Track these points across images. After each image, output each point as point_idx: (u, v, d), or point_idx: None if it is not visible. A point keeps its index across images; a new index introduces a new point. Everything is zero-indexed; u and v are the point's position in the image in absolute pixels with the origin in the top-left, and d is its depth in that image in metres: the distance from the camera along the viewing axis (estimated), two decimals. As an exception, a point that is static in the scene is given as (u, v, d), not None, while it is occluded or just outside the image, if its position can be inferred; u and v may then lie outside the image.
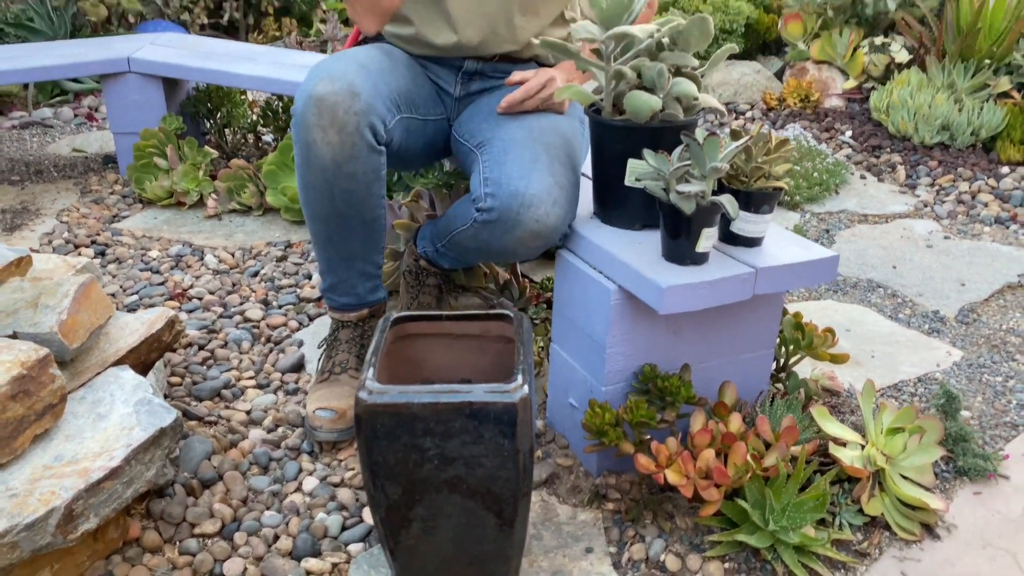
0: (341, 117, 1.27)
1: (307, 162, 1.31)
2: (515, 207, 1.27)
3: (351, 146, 1.29)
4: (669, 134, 1.27)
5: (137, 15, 3.53)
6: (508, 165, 1.31)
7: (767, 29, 3.38)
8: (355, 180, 1.33)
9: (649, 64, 1.25)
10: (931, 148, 2.76)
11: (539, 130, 1.38)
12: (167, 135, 2.42)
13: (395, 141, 1.39)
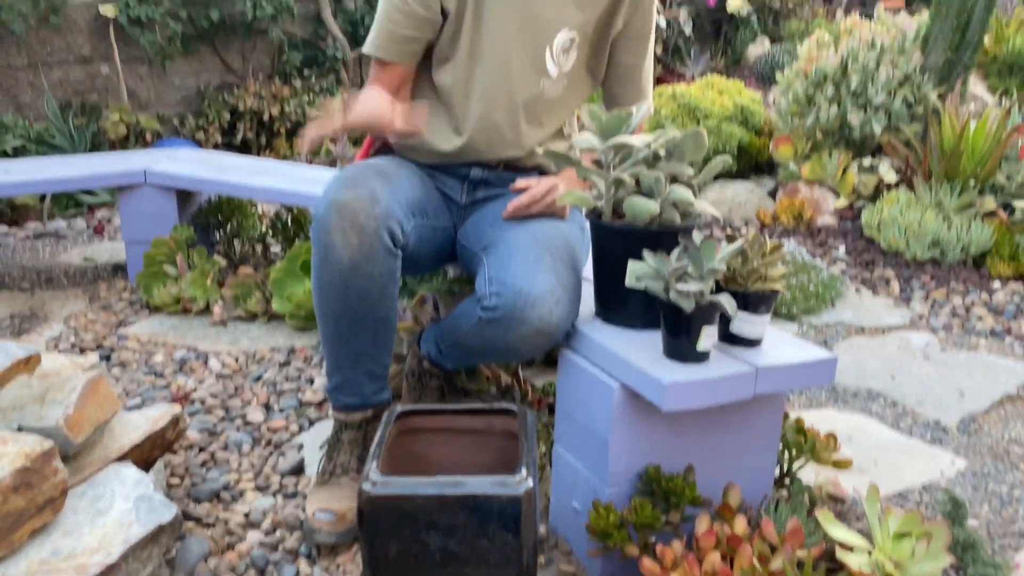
0: (361, 221, 1.32)
1: (325, 262, 1.36)
2: (519, 305, 1.30)
3: (369, 248, 1.34)
4: (667, 238, 1.32)
5: (154, 134, 3.68)
6: (513, 265, 1.35)
7: (759, 151, 3.52)
8: (371, 280, 1.37)
9: (647, 172, 1.31)
10: (923, 263, 2.82)
11: (542, 234, 1.43)
12: (178, 244, 2.49)
13: (410, 246, 1.45)
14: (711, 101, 3.39)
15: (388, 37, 1.52)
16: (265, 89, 3.92)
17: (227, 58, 4.12)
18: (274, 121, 3.89)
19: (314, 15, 4.32)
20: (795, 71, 3.37)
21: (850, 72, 3.20)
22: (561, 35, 1.54)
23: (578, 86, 1.63)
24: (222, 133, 3.90)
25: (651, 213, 1.30)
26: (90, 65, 3.69)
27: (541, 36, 1.53)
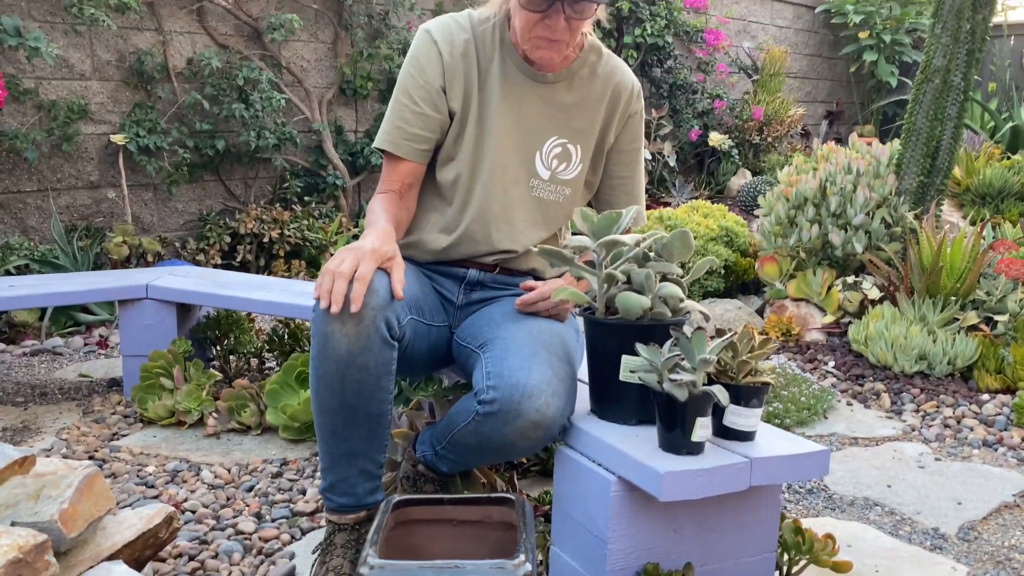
0: (359, 311, 1.36)
1: (322, 353, 1.39)
2: (516, 397, 1.33)
3: (366, 338, 1.37)
4: (659, 331, 1.36)
5: (156, 255, 3.77)
6: (509, 359, 1.39)
7: (745, 271, 3.63)
8: (367, 372, 1.39)
9: (637, 269, 1.37)
10: (912, 377, 2.86)
11: (538, 331, 1.48)
12: (176, 356, 2.51)
13: (405, 339, 1.48)
14: (696, 223, 3.51)
15: (399, 134, 1.62)
16: (266, 214, 4.05)
17: (230, 185, 4.28)
18: (273, 244, 3.99)
19: (316, 145, 4.51)
20: (776, 194, 3.51)
21: (829, 194, 3.35)
22: (550, 142, 1.66)
23: (576, 196, 1.73)
24: (222, 255, 3.99)
25: (643, 307, 1.35)
26: (97, 190, 3.82)
27: (532, 141, 1.66)
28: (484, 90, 1.64)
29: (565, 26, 1.48)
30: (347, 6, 4.44)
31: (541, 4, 1.47)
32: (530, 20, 1.50)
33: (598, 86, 1.68)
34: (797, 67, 8.22)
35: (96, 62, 3.75)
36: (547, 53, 1.54)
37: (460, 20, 1.66)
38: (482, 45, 1.64)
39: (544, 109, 1.65)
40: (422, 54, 1.62)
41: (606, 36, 5.82)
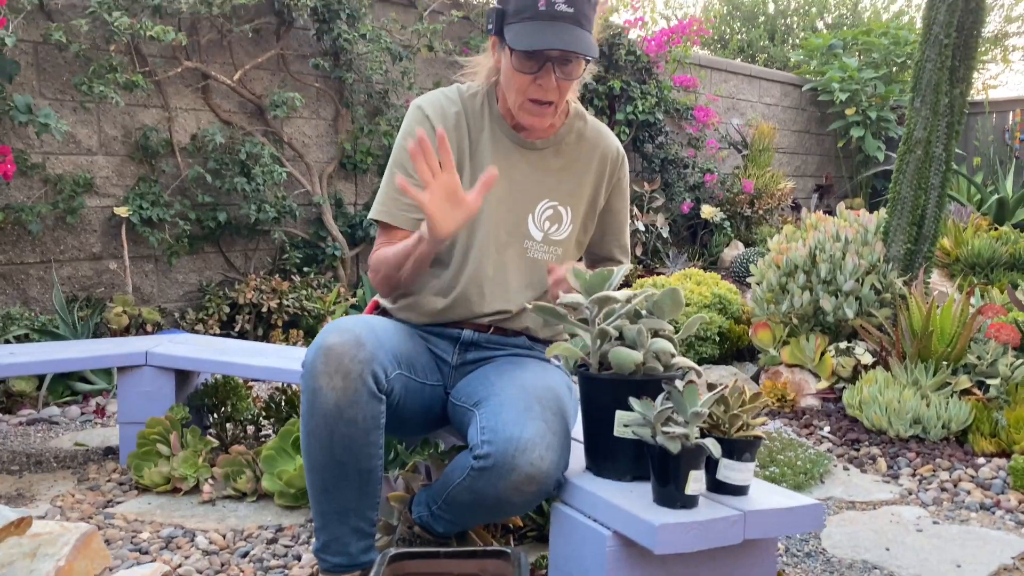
0: (347, 364, 1.40)
1: (311, 408, 1.42)
2: (511, 451, 1.35)
3: (354, 391, 1.40)
4: (652, 386, 1.39)
5: (155, 325, 3.80)
6: (503, 414, 1.41)
7: (739, 338, 3.66)
8: (355, 426, 1.42)
9: (630, 325, 1.41)
10: (907, 440, 2.87)
11: (532, 386, 1.50)
12: (173, 423, 2.52)
13: (394, 394, 1.51)
14: (689, 290, 3.57)
15: (395, 204, 1.68)
16: (265, 284, 4.10)
17: (230, 256, 4.34)
18: (272, 314, 4.03)
19: (315, 217, 4.60)
20: (768, 262, 3.58)
21: (819, 261, 3.41)
22: (542, 204, 1.73)
23: (567, 255, 1.78)
24: (220, 325, 4.03)
25: (636, 362, 1.38)
26: (99, 262, 3.87)
27: (524, 205, 1.72)
28: (475, 158, 1.70)
29: (555, 86, 1.56)
30: (348, 85, 4.59)
31: (533, 65, 1.55)
32: (523, 82, 1.57)
33: (585, 150, 1.77)
34: (786, 142, 8.43)
35: (103, 137, 3.85)
36: (537, 120, 1.63)
37: (450, 94, 1.75)
38: (472, 116, 1.72)
39: (534, 174, 1.72)
40: (414, 127, 1.68)
41: (599, 113, 5.99)
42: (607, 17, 5.97)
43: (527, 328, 1.76)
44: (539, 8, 1.50)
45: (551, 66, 1.55)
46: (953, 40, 3.24)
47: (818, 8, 11.15)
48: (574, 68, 1.57)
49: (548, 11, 1.49)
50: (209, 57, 4.16)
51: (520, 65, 1.56)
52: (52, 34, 3.48)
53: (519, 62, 1.55)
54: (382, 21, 4.72)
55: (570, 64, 1.56)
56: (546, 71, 1.55)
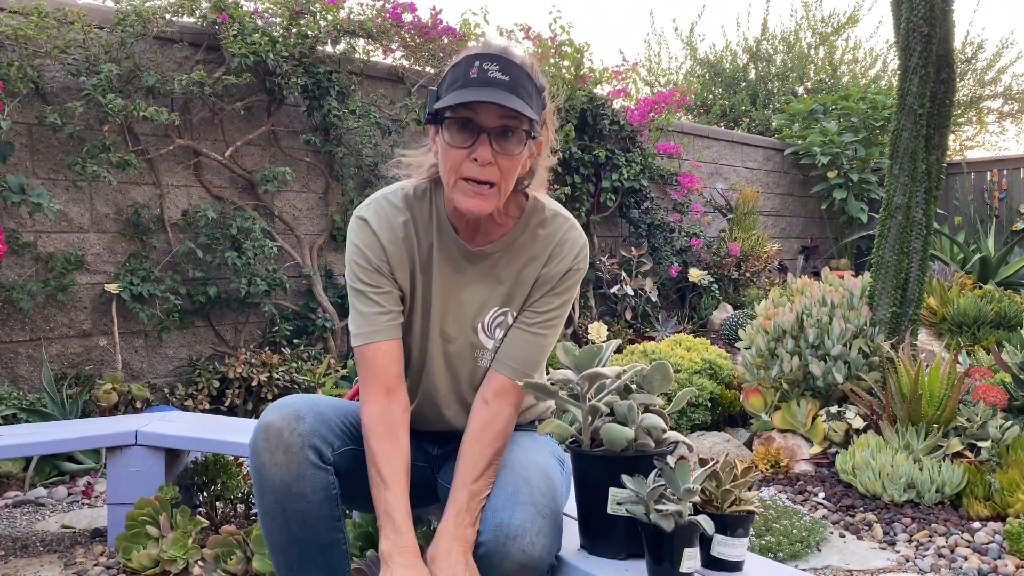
0: (286, 438, 1.41)
1: (261, 488, 1.42)
2: (501, 539, 1.34)
3: (297, 464, 1.41)
4: (644, 462, 1.39)
5: (144, 402, 3.78)
6: (492, 500, 1.40)
7: (730, 403, 3.67)
8: (305, 500, 1.42)
9: (620, 401, 1.42)
10: (902, 506, 2.86)
11: (519, 467, 1.49)
12: (163, 503, 2.49)
13: (347, 469, 1.50)
14: (680, 356, 3.58)
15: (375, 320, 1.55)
16: (255, 357, 4.10)
17: (220, 330, 4.34)
18: (262, 387, 4.02)
19: (306, 289, 4.62)
20: (756, 327, 3.61)
21: (806, 326, 3.44)
22: (491, 313, 1.61)
23: None
24: (210, 400, 4.01)
25: (627, 439, 1.39)
26: (89, 338, 3.87)
27: (474, 316, 1.61)
28: (426, 273, 1.59)
29: (492, 162, 1.41)
30: (338, 159, 4.67)
31: (467, 137, 1.41)
32: (458, 158, 1.43)
33: (536, 249, 1.59)
34: (770, 205, 8.57)
35: (95, 215, 3.89)
36: (474, 203, 1.44)
37: (395, 201, 1.59)
38: (421, 224, 1.59)
39: (484, 284, 1.60)
40: (362, 241, 1.56)
41: (584, 181, 6.09)
42: (585, 91, 6.12)
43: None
44: (471, 76, 1.39)
45: (487, 138, 1.40)
46: (927, 109, 3.34)
47: (798, 74, 11.46)
48: (514, 142, 1.42)
49: (480, 78, 1.38)
50: (201, 134, 4.23)
51: (452, 138, 1.42)
52: (47, 116, 3.54)
53: (451, 135, 1.42)
54: (371, 97, 4.83)
55: (509, 137, 1.41)
56: (482, 142, 1.40)
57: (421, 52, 4.99)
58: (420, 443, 1.72)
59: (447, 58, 5.07)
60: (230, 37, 4.01)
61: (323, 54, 4.52)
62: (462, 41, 5.09)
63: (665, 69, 12.05)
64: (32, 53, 3.51)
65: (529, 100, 1.42)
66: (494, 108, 1.39)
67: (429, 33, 4.90)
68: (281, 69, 4.22)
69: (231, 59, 4.05)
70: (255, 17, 4.24)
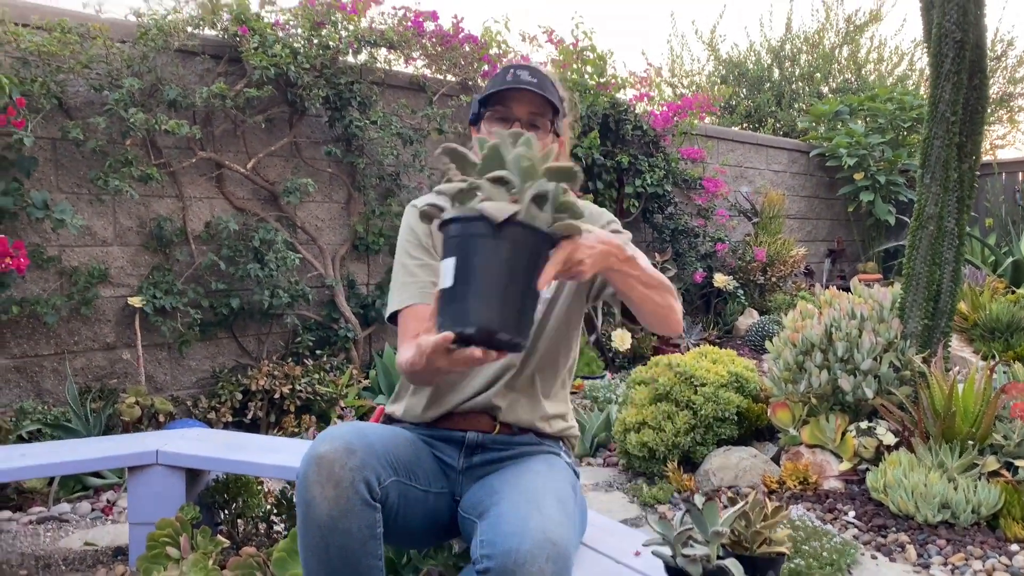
0: (337, 472, 1.38)
1: (306, 521, 1.40)
2: (509, 565, 1.30)
3: (346, 500, 1.38)
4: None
5: (167, 415, 3.78)
6: (502, 525, 1.37)
7: (758, 417, 3.60)
8: (350, 537, 1.39)
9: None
10: (936, 526, 2.78)
11: (533, 492, 1.45)
12: (183, 524, 2.47)
13: (391, 502, 1.49)
14: (706, 369, 3.52)
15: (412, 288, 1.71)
16: (277, 369, 4.09)
17: (243, 341, 4.34)
18: (284, 399, 4.01)
19: (328, 299, 4.61)
20: (783, 340, 3.54)
21: (835, 340, 3.37)
22: None
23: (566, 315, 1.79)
24: (233, 413, 4.00)
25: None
26: (113, 351, 3.88)
27: None
28: None
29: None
30: (360, 169, 4.65)
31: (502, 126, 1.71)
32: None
33: None
34: (796, 208, 8.46)
35: (118, 228, 3.90)
36: None
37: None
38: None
39: None
40: (412, 222, 1.80)
41: (607, 187, 6.04)
42: (608, 96, 6.06)
43: (533, 422, 1.73)
44: (507, 79, 1.72)
45: (519, 124, 1.72)
46: (959, 116, 3.26)
47: (823, 74, 11.32)
48: (541, 128, 1.73)
49: (513, 80, 1.72)
50: (223, 146, 4.24)
51: (491, 127, 1.74)
52: (70, 131, 3.55)
53: (490, 124, 1.75)
54: (392, 107, 4.81)
55: (537, 127, 1.72)
56: (515, 127, 1.69)
57: (443, 61, 4.96)
58: (440, 453, 1.70)
59: (468, 66, 5.04)
60: (251, 50, 4.01)
61: (344, 64, 4.50)
62: (483, 49, 5.06)
63: (688, 71, 11.95)
64: (55, 69, 3.53)
65: (552, 98, 1.73)
66: (525, 103, 1.72)
67: (451, 41, 4.87)
68: (302, 80, 4.21)
69: (252, 71, 4.05)
70: (276, 29, 4.23)
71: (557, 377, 1.82)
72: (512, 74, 1.73)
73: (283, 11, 4.32)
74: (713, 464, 3.34)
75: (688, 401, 3.47)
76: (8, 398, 3.59)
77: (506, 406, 1.73)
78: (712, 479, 3.30)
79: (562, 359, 1.82)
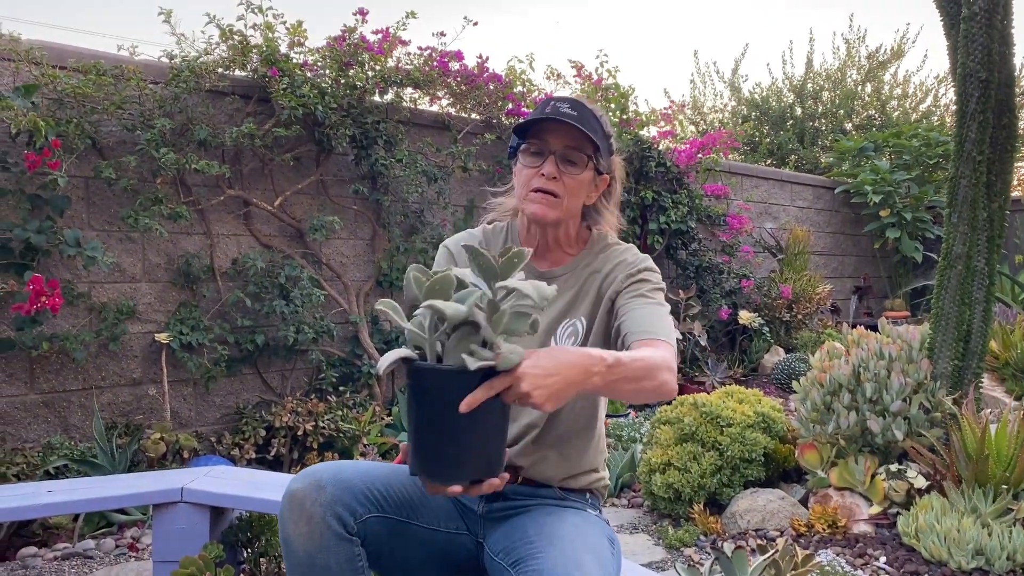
0: (308, 508, 1.40)
1: (288, 559, 1.42)
2: (551, 625, 1.28)
3: (319, 535, 1.39)
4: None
5: (191, 451, 3.79)
6: None
7: (785, 458, 3.54)
8: (329, 571, 1.40)
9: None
10: (970, 573, 2.72)
11: (571, 548, 1.43)
12: (207, 562, 2.47)
13: (374, 536, 1.47)
14: (732, 410, 3.49)
15: None
16: (301, 406, 4.10)
17: (267, 377, 4.37)
18: (308, 436, 4.01)
19: (352, 336, 4.63)
20: (811, 380, 3.50)
21: (863, 380, 3.32)
22: (563, 325, 1.70)
23: None
24: (256, 449, 4.01)
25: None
26: (139, 387, 3.91)
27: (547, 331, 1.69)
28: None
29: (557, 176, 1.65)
30: (385, 206, 4.70)
31: (537, 160, 1.67)
32: (529, 175, 1.68)
33: (597, 264, 1.74)
34: (821, 245, 8.41)
35: (147, 265, 3.96)
36: (539, 208, 1.66)
37: (474, 232, 1.85)
38: (493, 246, 1.78)
39: (555, 302, 1.70)
40: (442, 264, 1.78)
41: (631, 223, 6.05)
42: (631, 134, 6.09)
43: (556, 478, 1.70)
44: (545, 111, 1.65)
45: (553, 158, 1.66)
46: (987, 156, 3.24)
47: (845, 110, 11.31)
48: (577, 165, 1.67)
49: (552, 112, 1.65)
50: (251, 184, 4.30)
51: (526, 161, 1.69)
52: (102, 170, 3.62)
53: (525, 158, 1.69)
54: (417, 145, 4.87)
55: (574, 160, 1.66)
56: (548, 161, 1.66)
57: (467, 100, 5.02)
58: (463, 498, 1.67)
59: (492, 104, 5.09)
60: (280, 90, 4.08)
61: (371, 104, 4.57)
62: (508, 87, 5.12)
63: (711, 107, 11.99)
64: (90, 109, 3.61)
65: (593, 134, 1.65)
66: (562, 136, 1.65)
67: (475, 81, 4.93)
68: (330, 120, 4.28)
69: (281, 111, 4.12)
70: (304, 70, 4.31)
71: (592, 431, 1.74)
72: (552, 106, 1.67)
73: (311, 52, 4.40)
74: (740, 506, 3.29)
75: (714, 442, 3.43)
76: (36, 433, 3.62)
77: (530, 464, 1.68)
78: (739, 522, 3.24)
79: (599, 410, 1.76)
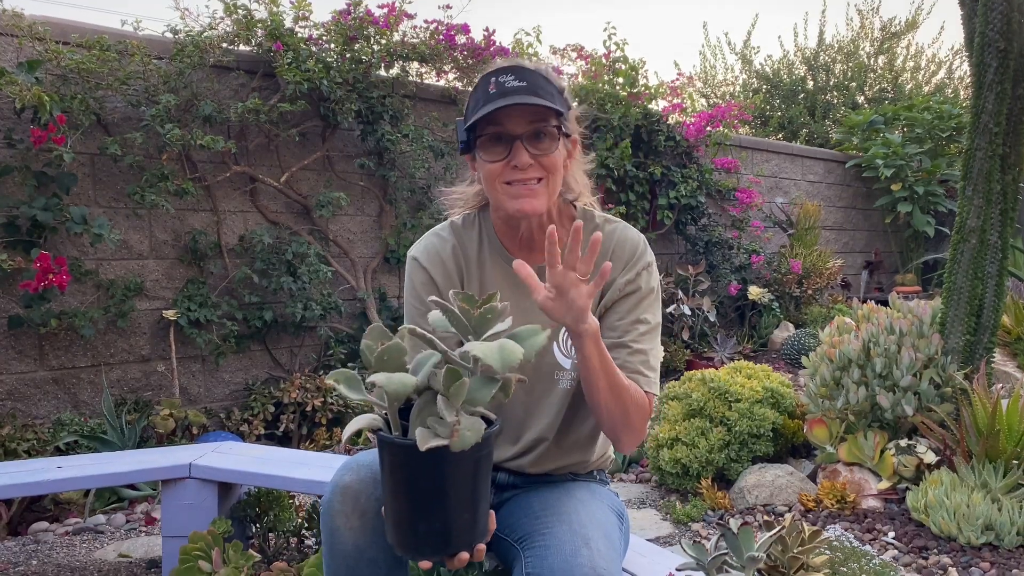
0: (363, 503, 1.37)
1: (331, 550, 1.38)
2: (558, 602, 1.28)
3: (372, 530, 1.37)
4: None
5: (200, 427, 3.81)
6: (549, 559, 1.34)
7: (794, 433, 3.53)
8: (377, 566, 1.37)
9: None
10: (979, 548, 2.70)
11: (578, 524, 1.42)
12: (215, 538, 2.48)
13: None
14: (740, 385, 3.47)
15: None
16: (310, 382, 4.11)
17: (276, 354, 4.37)
18: (316, 412, 4.02)
19: (360, 312, 4.63)
20: (820, 355, 3.48)
21: (873, 355, 3.30)
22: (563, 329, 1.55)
23: None
24: (265, 425, 4.02)
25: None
26: (148, 364, 3.93)
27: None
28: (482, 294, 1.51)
29: (531, 163, 1.44)
30: (392, 182, 4.67)
31: (502, 150, 1.44)
32: (497, 170, 1.46)
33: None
34: (832, 219, 8.34)
35: (154, 242, 3.95)
36: (524, 201, 1.46)
37: (442, 233, 1.64)
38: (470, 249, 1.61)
39: None
40: (416, 282, 1.60)
41: (639, 198, 6.00)
42: (640, 107, 6.03)
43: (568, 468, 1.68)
44: (490, 92, 1.42)
45: (521, 144, 1.43)
46: (1003, 128, 3.18)
47: (858, 83, 11.17)
48: (547, 141, 1.44)
49: (499, 90, 1.41)
50: (257, 160, 4.28)
51: (488, 155, 1.45)
52: (108, 147, 3.61)
53: (486, 152, 1.45)
54: (424, 119, 4.83)
55: (543, 138, 1.44)
56: (516, 149, 1.43)
57: (474, 73, 4.96)
58: None
59: (500, 79, 5.04)
60: (285, 65, 4.04)
61: (376, 78, 4.53)
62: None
63: (721, 80, 11.87)
64: (94, 85, 3.59)
65: (551, 99, 1.43)
66: (521, 114, 1.42)
67: (482, 54, 4.88)
68: (335, 95, 4.24)
69: (286, 86, 4.09)
70: (310, 44, 4.27)
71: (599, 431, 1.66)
72: (494, 83, 1.42)
73: (316, 26, 4.36)
74: (748, 482, 3.28)
75: (722, 417, 3.42)
76: (46, 409, 3.64)
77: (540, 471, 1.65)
78: (747, 497, 3.24)
79: None
